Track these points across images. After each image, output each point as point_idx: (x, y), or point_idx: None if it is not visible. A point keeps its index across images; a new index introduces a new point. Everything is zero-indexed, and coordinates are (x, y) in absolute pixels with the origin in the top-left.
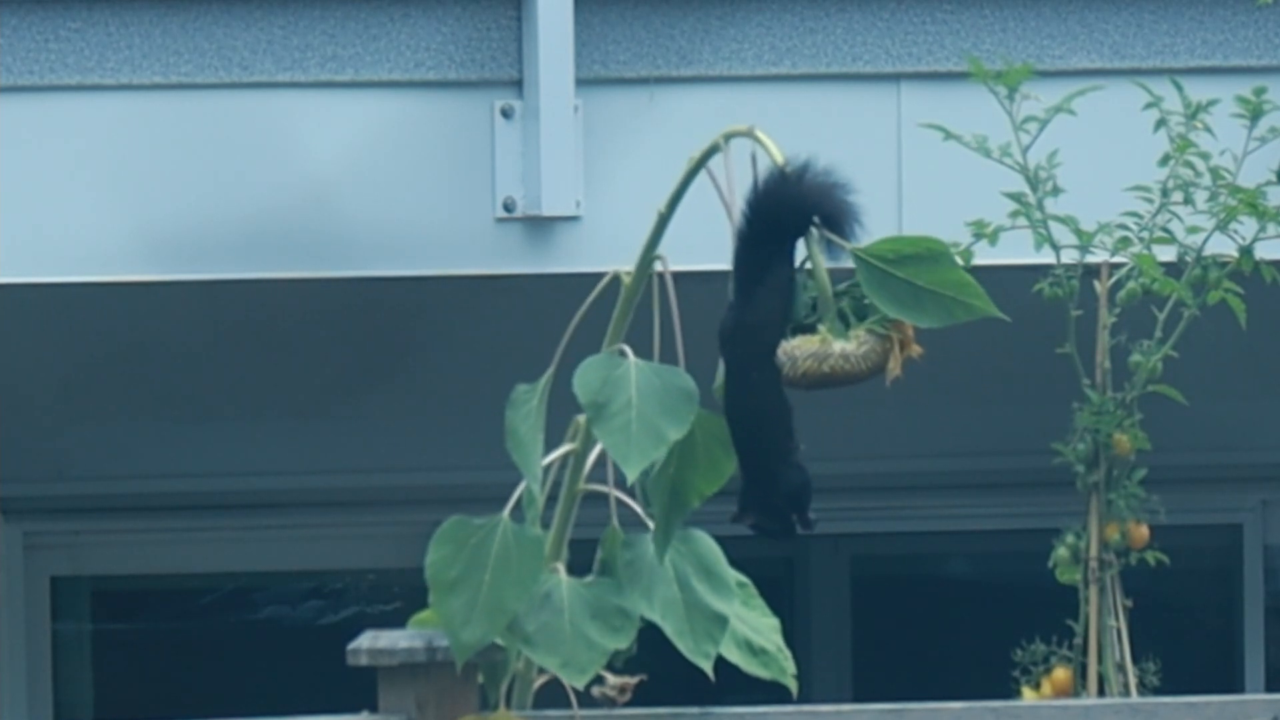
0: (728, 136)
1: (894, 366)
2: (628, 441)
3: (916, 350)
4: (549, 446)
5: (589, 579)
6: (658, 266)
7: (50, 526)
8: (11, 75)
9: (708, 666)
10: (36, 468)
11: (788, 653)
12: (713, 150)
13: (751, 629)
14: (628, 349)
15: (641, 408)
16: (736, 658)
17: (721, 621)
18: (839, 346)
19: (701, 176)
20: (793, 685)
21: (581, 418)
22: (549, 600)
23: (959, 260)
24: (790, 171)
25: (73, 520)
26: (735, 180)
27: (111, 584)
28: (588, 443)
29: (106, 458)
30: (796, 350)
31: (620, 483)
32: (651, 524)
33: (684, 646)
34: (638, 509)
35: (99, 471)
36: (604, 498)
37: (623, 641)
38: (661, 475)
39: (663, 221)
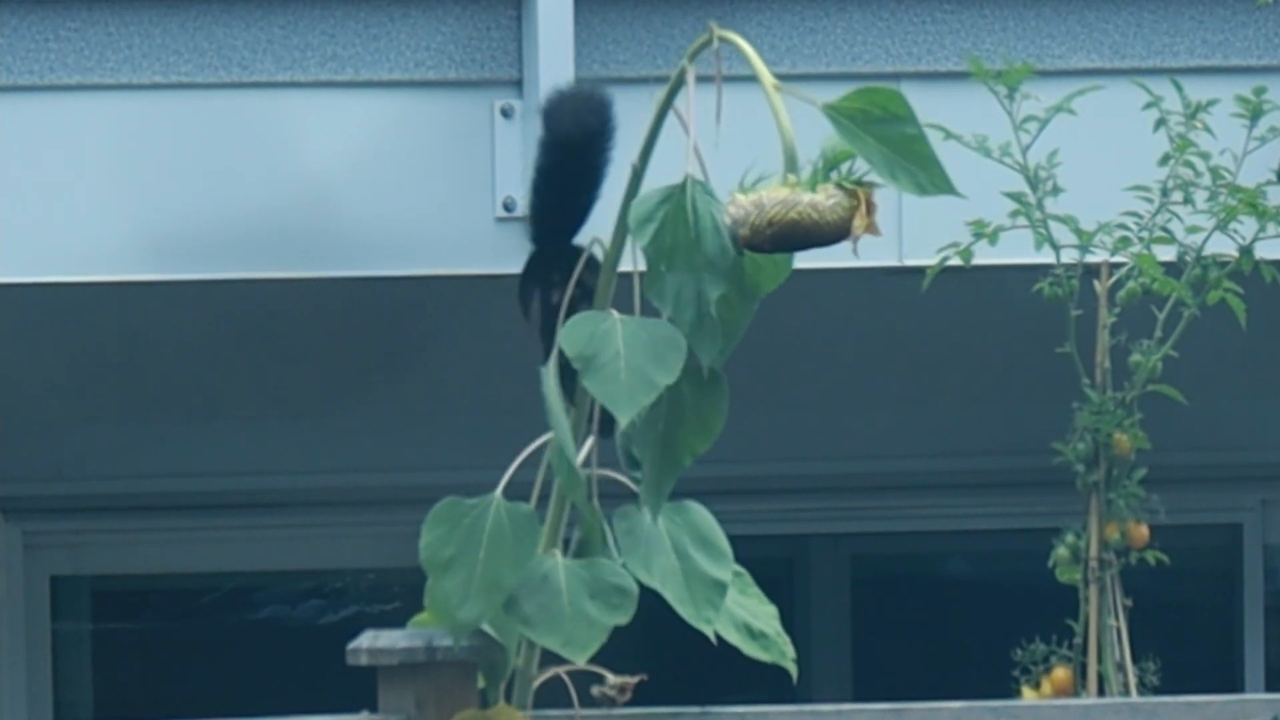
0: (691, 56)
1: (859, 225)
2: (618, 389)
3: (876, 228)
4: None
5: (585, 560)
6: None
7: (50, 526)
8: (11, 75)
9: (710, 631)
10: (36, 468)
11: (787, 637)
12: (679, 84)
13: (750, 614)
14: (614, 311)
15: (630, 358)
16: (736, 640)
17: (720, 587)
18: (807, 197)
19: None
20: (793, 669)
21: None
22: (547, 582)
23: (920, 127)
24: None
25: (73, 520)
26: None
27: (111, 584)
28: (580, 425)
29: (106, 458)
30: (765, 198)
31: (609, 465)
32: (638, 488)
33: (685, 613)
34: (635, 486)
35: (99, 471)
36: (611, 491)
37: (622, 618)
38: (650, 433)
39: (637, 177)
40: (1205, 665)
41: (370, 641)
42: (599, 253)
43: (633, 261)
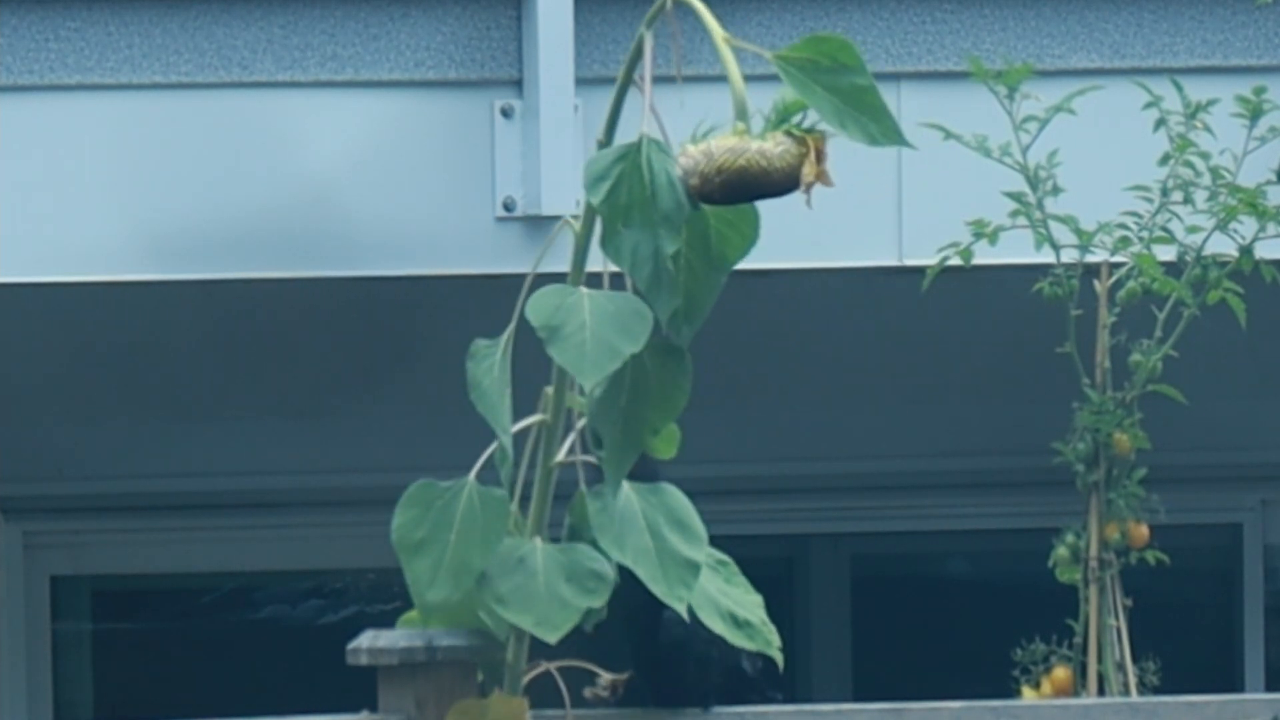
0: (649, 23)
1: (809, 172)
2: (583, 357)
3: (827, 177)
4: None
5: (563, 544)
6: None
7: (50, 526)
8: (11, 75)
9: (682, 609)
10: (36, 468)
11: (772, 626)
12: (638, 53)
13: (735, 603)
14: (583, 288)
15: (595, 328)
16: (721, 628)
17: (694, 567)
18: (756, 144)
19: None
20: (779, 657)
21: (550, 389)
22: (523, 564)
23: (870, 78)
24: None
25: (73, 520)
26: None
27: (111, 584)
28: (559, 414)
29: (106, 458)
30: (713, 146)
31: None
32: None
33: (658, 591)
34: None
35: (99, 471)
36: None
37: (597, 600)
38: (612, 407)
39: (601, 150)
40: (1205, 665)
41: (370, 641)
42: (569, 232)
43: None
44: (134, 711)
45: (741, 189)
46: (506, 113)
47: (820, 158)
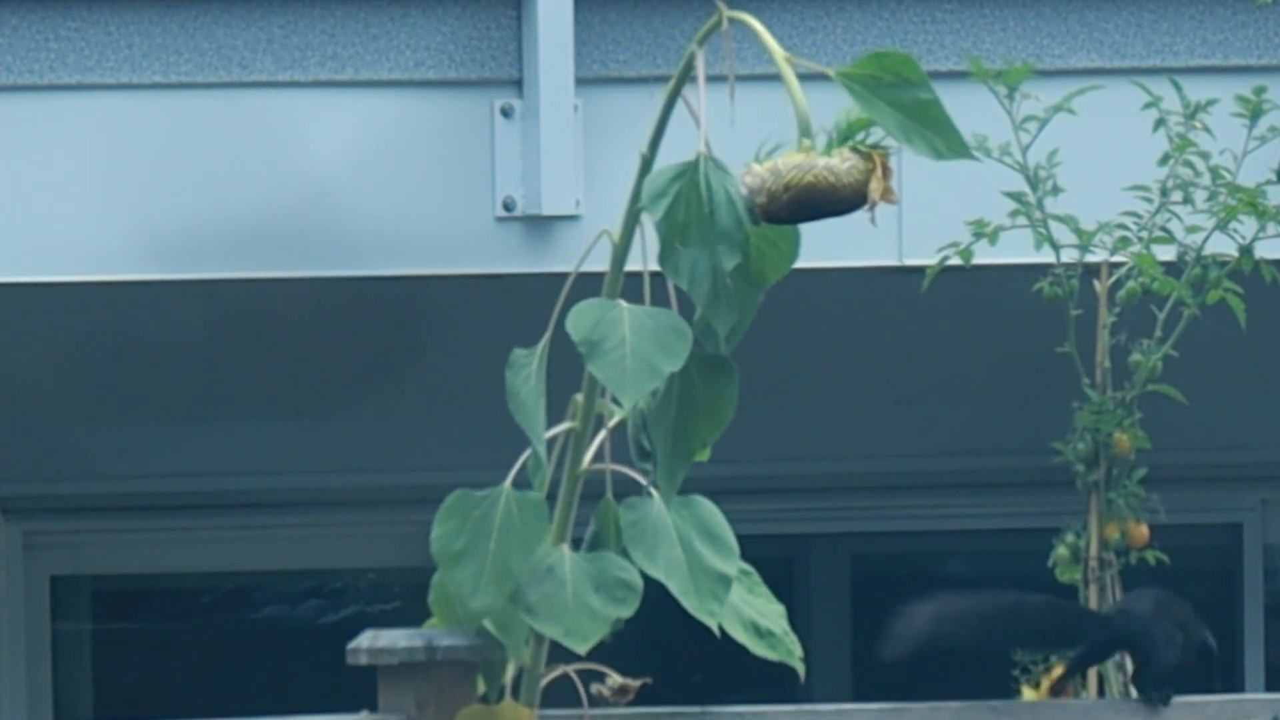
0: (700, 40)
1: (875, 188)
2: (623, 374)
3: (893, 194)
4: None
5: (592, 553)
6: (644, 216)
7: (50, 526)
8: (11, 75)
9: (714, 624)
10: (36, 468)
11: (794, 636)
12: (687, 69)
13: (757, 613)
14: (622, 301)
15: (635, 344)
16: (744, 638)
17: (725, 581)
18: (823, 161)
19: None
20: (800, 667)
21: (579, 396)
22: (552, 573)
23: (934, 91)
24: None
25: (73, 520)
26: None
27: (111, 584)
28: (588, 422)
29: (106, 458)
30: (780, 164)
31: (620, 459)
32: (646, 482)
33: (689, 605)
34: (643, 479)
35: (99, 471)
36: (622, 486)
37: (626, 611)
38: (662, 420)
39: (646, 165)
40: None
41: (370, 641)
42: (608, 243)
43: (642, 259)
44: (134, 711)
45: (809, 206)
46: (506, 113)
47: (886, 173)
